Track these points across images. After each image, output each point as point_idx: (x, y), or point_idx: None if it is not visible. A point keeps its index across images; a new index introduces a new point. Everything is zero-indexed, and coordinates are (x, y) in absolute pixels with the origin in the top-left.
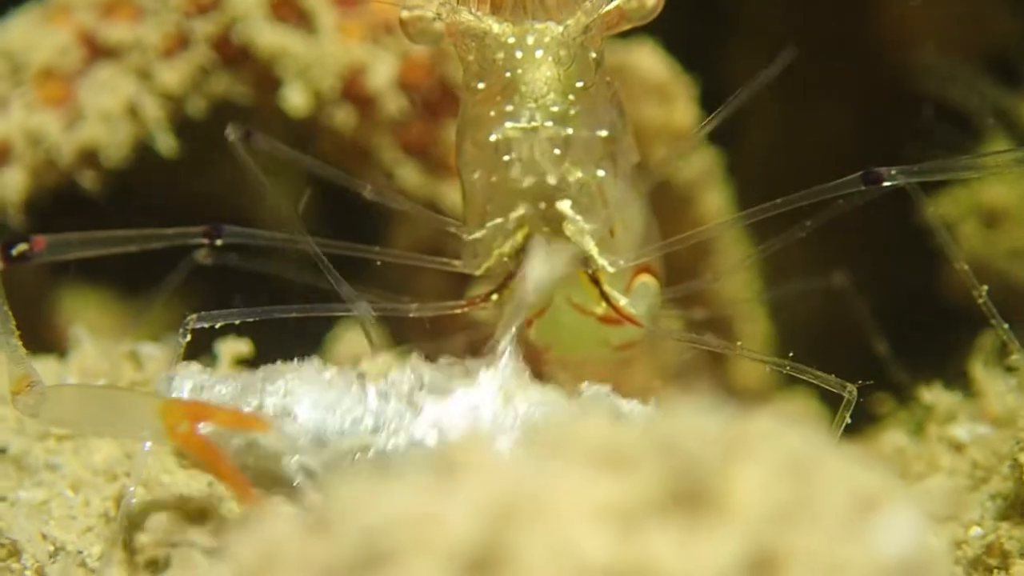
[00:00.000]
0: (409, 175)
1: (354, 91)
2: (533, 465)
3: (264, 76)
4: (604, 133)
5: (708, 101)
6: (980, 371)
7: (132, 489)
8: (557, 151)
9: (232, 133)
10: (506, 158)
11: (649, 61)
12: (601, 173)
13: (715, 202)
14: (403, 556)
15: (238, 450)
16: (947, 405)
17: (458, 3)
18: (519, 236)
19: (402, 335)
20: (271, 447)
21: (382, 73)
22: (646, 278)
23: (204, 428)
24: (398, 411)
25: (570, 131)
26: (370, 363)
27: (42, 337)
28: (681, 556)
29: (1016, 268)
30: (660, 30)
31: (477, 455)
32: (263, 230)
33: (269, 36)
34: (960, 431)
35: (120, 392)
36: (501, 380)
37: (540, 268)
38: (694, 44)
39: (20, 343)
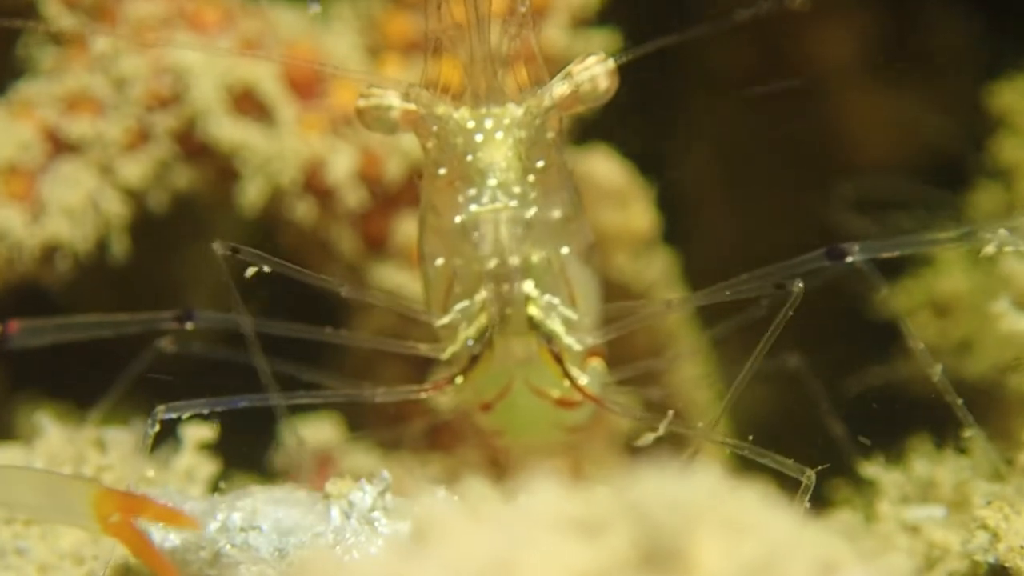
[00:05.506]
0: (369, 266)
1: (314, 184)
2: (505, 531)
3: (224, 170)
4: (563, 212)
5: (665, 203)
6: (933, 452)
7: (102, 574)
8: (520, 231)
9: (219, 248)
10: (471, 240)
11: (605, 166)
12: (564, 251)
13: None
14: None
15: (202, 562)
16: (900, 486)
17: (415, 90)
18: (483, 319)
19: (362, 422)
20: (234, 558)
21: (342, 165)
22: (596, 361)
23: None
24: (355, 529)
25: (532, 211)
26: (334, 484)
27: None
28: None
29: (966, 362)
30: (614, 136)
31: (449, 525)
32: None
33: (229, 130)
34: (915, 512)
35: (56, 477)
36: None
37: None
38: (647, 147)
39: None
